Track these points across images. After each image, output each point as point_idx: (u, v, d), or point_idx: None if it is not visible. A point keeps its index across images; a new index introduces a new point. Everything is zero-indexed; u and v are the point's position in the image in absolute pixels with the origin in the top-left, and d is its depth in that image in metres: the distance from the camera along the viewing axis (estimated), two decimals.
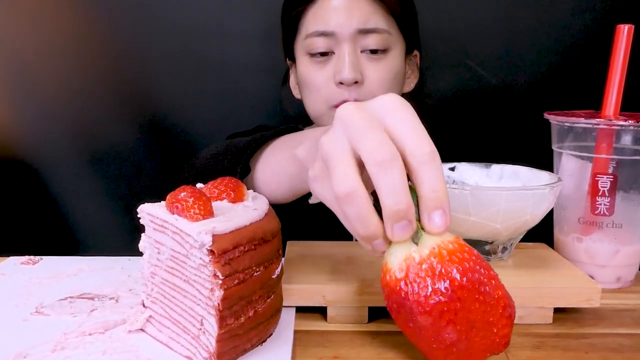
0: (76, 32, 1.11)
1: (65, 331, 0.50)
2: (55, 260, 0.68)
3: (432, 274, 0.40)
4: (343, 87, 0.82)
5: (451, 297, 0.39)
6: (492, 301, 0.41)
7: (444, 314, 0.40)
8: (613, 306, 0.60)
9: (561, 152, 0.68)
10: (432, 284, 0.39)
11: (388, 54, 0.83)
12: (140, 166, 1.15)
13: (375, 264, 0.60)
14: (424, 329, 0.41)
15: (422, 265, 0.40)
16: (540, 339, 0.53)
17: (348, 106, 0.42)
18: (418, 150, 0.39)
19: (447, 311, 0.40)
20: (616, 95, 0.64)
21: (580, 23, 1.07)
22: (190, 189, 0.46)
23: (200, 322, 0.45)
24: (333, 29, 0.81)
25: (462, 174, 0.69)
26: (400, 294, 0.41)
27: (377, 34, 0.81)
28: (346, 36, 0.81)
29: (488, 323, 0.41)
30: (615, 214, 0.64)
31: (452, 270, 0.40)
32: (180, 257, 0.46)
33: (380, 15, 0.82)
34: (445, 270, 0.40)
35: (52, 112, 1.13)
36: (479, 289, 0.40)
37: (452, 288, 0.39)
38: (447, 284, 0.39)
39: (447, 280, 0.39)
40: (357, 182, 0.39)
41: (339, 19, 0.81)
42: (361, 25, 0.81)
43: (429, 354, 0.43)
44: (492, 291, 0.41)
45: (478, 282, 0.40)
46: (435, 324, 0.40)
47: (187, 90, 1.13)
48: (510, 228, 0.58)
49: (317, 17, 0.83)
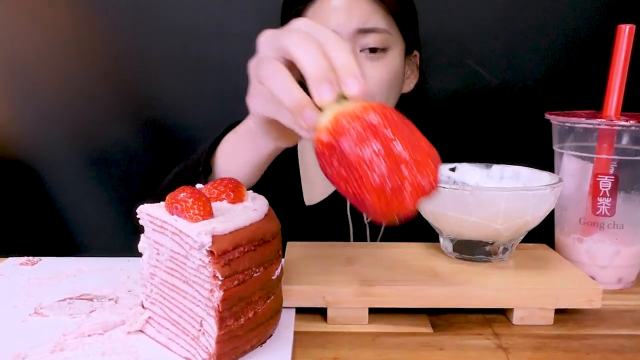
0: (76, 33, 1.11)
1: (64, 332, 0.50)
2: (54, 261, 0.68)
3: (360, 116, 0.42)
4: None
5: (379, 126, 0.42)
6: (416, 140, 0.43)
7: (368, 141, 0.41)
8: (614, 307, 0.60)
9: (562, 152, 0.68)
10: (361, 123, 0.42)
11: (387, 54, 0.83)
12: (140, 166, 1.15)
13: (376, 265, 0.60)
14: (354, 167, 0.42)
15: (349, 115, 0.42)
16: (541, 340, 0.52)
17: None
18: (332, 37, 0.45)
19: (374, 138, 0.41)
20: (617, 95, 0.64)
21: (581, 23, 1.07)
22: (189, 189, 0.46)
23: (199, 323, 0.45)
24: (332, 29, 0.81)
25: (462, 174, 0.68)
26: (332, 144, 0.42)
27: (376, 33, 0.81)
28: (345, 36, 0.81)
29: (416, 162, 0.42)
30: (617, 215, 0.64)
31: (377, 114, 0.42)
32: (179, 258, 0.45)
33: (380, 15, 0.82)
34: (371, 114, 0.42)
35: (52, 113, 1.13)
36: (405, 127, 0.43)
37: (379, 120, 0.42)
38: (375, 119, 0.42)
39: (376, 115, 0.42)
40: (280, 65, 0.45)
41: (338, 19, 0.81)
42: (361, 25, 0.80)
43: (363, 198, 0.43)
44: (416, 133, 0.43)
45: (402, 122, 0.43)
46: (365, 155, 0.41)
47: (187, 90, 1.13)
48: (511, 229, 0.58)
49: (316, 17, 0.82)
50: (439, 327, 0.55)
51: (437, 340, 0.52)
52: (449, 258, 0.63)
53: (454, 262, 0.62)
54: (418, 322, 0.55)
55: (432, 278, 0.57)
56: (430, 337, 0.53)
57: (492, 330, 0.54)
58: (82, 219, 1.16)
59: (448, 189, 0.57)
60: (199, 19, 1.10)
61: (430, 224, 0.64)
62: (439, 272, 0.58)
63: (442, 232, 0.63)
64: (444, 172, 0.68)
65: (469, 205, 0.57)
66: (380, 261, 0.61)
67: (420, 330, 0.54)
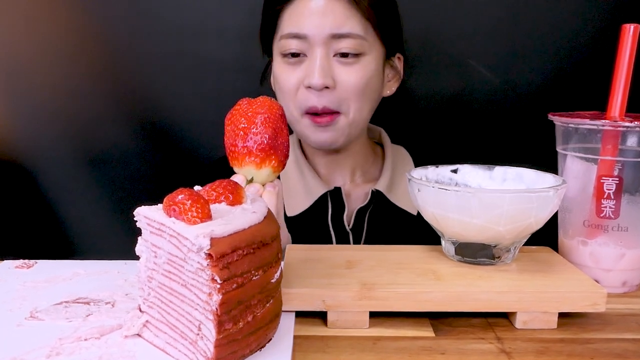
0: (72, 33, 1.11)
1: (61, 336, 0.49)
2: (51, 264, 0.68)
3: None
4: (312, 91, 0.81)
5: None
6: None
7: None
8: (619, 311, 0.60)
9: (566, 153, 0.67)
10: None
11: (361, 59, 0.82)
12: (137, 168, 1.15)
13: (377, 268, 0.59)
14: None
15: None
16: (545, 344, 0.52)
17: None
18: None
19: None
20: (622, 96, 0.63)
21: (585, 23, 1.06)
22: (188, 191, 0.45)
23: (198, 327, 0.44)
24: (306, 32, 0.81)
25: (464, 175, 0.68)
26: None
27: (350, 38, 0.80)
28: (319, 40, 0.80)
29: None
30: (621, 217, 0.63)
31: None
32: (177, 261, 0.45)
33: (356, 21, 0.81)
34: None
35: (48, 114, 1.12)
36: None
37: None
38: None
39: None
40: None
41: (313, 23, 0.80)
42: (335, 30, 0.80)
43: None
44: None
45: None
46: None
47: (184, 91, 1.12)
48: (513, 231, 0.58)
49: (292, 19, 0.82)
50: (440, 331, 0.54)
51: (438, 345, 0.52)
52: (451, 261, 0.62)
53: (456, 265, 0.61)
54: (419, 326, 0.55)
55: (434, 281, 0.56)
56: (431, 341, 0.52)
57: (495, 335, 0.54)
58: (79, 222, 1.16)
59: (450, 191, 0.57)
60: (196, 20, 1.10)
61: (432, 227, 0.63)
62: (441, 275, 0.58)
63: (444, 235, 0.62)
64: (446, 174, 0.68)
65: (471, 207, 0.56)
66: (380, 264, 0.61)
67: (422, 334, 0.54)
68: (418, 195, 0.60)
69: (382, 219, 0.89)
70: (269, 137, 0.57)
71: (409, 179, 0.62)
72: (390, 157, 0.93)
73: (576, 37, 1.07)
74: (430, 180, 0.65)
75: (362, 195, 0.91)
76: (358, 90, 0.82)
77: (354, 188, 0.92)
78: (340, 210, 0.88)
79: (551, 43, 1.07)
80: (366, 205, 0.89)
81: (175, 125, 1.14)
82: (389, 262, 0.61)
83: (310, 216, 0.88)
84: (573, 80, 1.07)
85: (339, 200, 0.89)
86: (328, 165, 0.92)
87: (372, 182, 0.93)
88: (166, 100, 1.13)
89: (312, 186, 0.89)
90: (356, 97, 0.83)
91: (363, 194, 0.91)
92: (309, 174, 0.90)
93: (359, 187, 0.93)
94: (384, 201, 0.90)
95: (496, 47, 1.09)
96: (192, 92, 1.12)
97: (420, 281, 0.56)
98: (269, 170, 0.58)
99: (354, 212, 0.89)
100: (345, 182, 0.93)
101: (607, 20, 1.04)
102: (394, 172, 0.92)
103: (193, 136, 1.14)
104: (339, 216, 0.88)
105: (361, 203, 0.89)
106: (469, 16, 1.07)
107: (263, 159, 0.57)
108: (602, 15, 1.05)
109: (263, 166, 0.57)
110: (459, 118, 1.12)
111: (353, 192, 0.92)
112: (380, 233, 0.88)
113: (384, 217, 0.89)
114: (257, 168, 0.57)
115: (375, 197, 0.89)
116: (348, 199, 0.90)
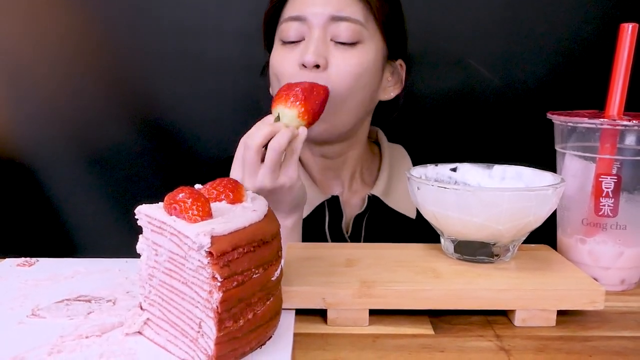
0: (73, 33, 1.11)
1: (62, 334, 0.50)
2: (52, 262, 0.68)
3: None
4: (305, 72, 0.79)
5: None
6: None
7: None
8: (617, 309, 0.60)
9: (564, 152, 0.67)
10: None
11: (358, 46, 0.81)
12: (138, 167, 1.15)
13: (377, 266, 0.59)
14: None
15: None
16: (543, 342, 0.52)
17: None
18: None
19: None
20: (620, 94, 0.64)
21: (583, 22, 1.06)
22: (188, 189, 0.45)
23: (198, 325, 0.44)
24: (306, 15, 0.80)
25: (464, 174, 0.68)
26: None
27: (349, 22, 0.80)
28: (317, 22, 0.79)
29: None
30: (619, 216, 0.63)
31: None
32: (178, 259, 0.45)
33: (357, 7, 0.81)
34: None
35: (49, 113, 1.13)
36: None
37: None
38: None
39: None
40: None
41: (314, 5, 0.80)
42: (335, 12, 0.79)
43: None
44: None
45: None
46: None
47: (184, 90, 1.13)
48: (512, 229, 0.58)
49: (295, 3, 0.82)
50: (440, 328, 0.54)
51: (438, 342, 0.52)
52: (450, 259, 0.62)
53: (456, 263, 0.61)
54: (419, 324, 0.55)
55: (433, 279, 0.56)
56: (431, 338, 0.53)
57: (494, 332, 0.54)
58: (80, 220, 1.16)
59: (449, 189, 0.57)
60: (196, 19, 1.10)
61: (432, 225, 0.63)
62: (440, 273, 0.58)
63: (443, 233, 0.62)
64: (445, 173, 0.68)
65: (471, 205, 0.56)
66: (380, 262, 0.61)
67: (421, 332, 0.54)
68: (417, 193, 0.61)
69: (380, 225, 0.88)
70: (302, 89, 0.71)
71: (409, 177, 0.62)
72: (387, 158, 0.93)
73: (575, 36, 1.07)
74: (429, 179, 0.66)
75: (360, 201, 0.90)
76: (352, 77, 0.80)
77: (352, 195, 0.91)
78: (338, 219, 0.87)
79: (550, 42, 1.07)
80: (363, 212, 0.88)
81: (175, 124, 1.14)
82: (389, 260, 0.61)
83: (308, 224, 0.84)
84: (572, 79, 1.07)
85: (337, 209, 0.87)
86: (324, 171, 0.91)
87: (370, 185, 0.92)
88: (166, 99, 1.13)
89: (310, 195, 0.85)
90: (348, 84, 0.80)
91: (360, 200, 0.90)
92: (306, 182, 0.87)
93: (357, 193, 0.91)
94: (381, 206, 0.88)
95: (495, 46, 1.09)
96: (192, 91, 1.12)
97: (420, 279, 0.56)
98: (294, 112, 0.70)
99: (352, 220, 0.88)
100: (343, 189, 0.91)
101: (605, 19, 1.04)
102: (392, 173, 0.92)
103: (193, 135, 1.14)
104: (336, 225, 0.87)
105: (358, 209, 0.88)
106: (468, 16, 1.08)
107: (293, 102, 0.70)
108: (600, 14, 1.05)
109: (293, 107, 0.70)
110: (458, 117, 1.12)
111: (351, 199, 0.91)
112: (378, 239, 0.87)
113: (381, 223, 0.88)
114: (285, 107, 0.70)
115: (372, 203, 0.88)
116: (345, 206, 0.89)
